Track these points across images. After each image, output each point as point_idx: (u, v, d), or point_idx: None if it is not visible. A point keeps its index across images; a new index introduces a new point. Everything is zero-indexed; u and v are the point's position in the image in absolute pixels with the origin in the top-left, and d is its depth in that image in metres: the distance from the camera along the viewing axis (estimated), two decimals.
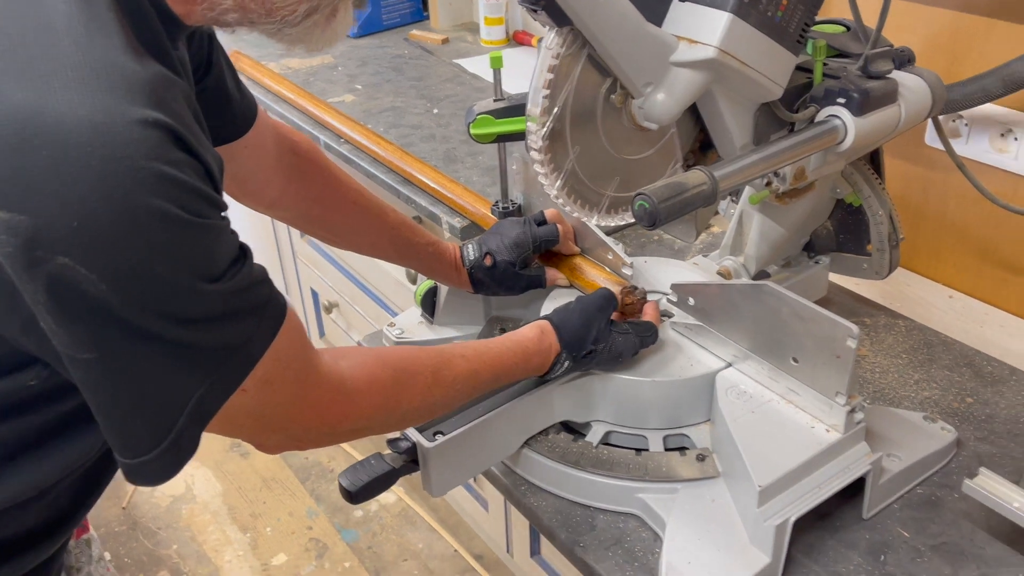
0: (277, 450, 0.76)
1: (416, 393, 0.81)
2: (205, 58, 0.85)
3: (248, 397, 0.66)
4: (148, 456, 0.62)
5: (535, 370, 0.93)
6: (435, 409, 0.85)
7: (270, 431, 0.72)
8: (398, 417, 0.81)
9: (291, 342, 0.69)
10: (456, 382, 0.84)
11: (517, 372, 0.91)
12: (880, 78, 0.96)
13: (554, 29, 0.83)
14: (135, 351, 0.59)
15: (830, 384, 0.87)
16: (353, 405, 0.76)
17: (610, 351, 0.94)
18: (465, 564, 2.03)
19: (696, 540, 0.86)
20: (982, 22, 1.22)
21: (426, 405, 0.83)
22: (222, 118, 0.90)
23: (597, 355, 0.94)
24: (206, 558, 2.11)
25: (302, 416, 0.72)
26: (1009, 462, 0.98)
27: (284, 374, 0.69)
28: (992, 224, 1.30)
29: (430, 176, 1.47)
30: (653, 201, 0.79)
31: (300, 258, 2.30)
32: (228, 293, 0.62)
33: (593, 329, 0.94)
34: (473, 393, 0.88)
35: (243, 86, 0.92)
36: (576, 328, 0.93)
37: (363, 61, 2.15)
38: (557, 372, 0.94)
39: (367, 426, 0.78)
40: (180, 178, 0.58)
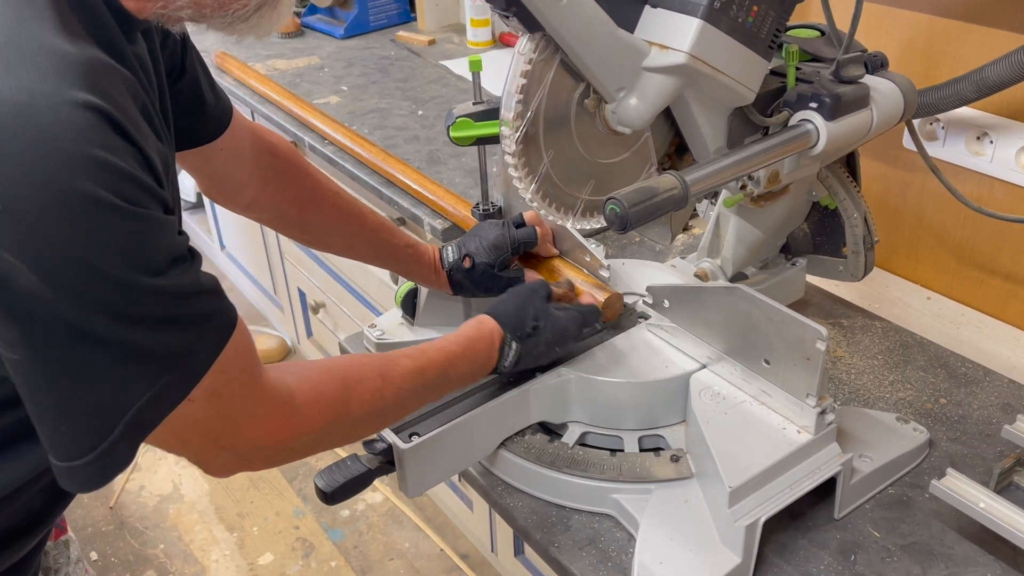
0: (225, 472, 0.73)
1: (366, 398, 0.79)
2: (179, 62, 0.85)
3: (194, 409, 0.64)
4: (78, 462, 0.60)
5: (484, 359, 0.92)
6: (387, 413, 0.83)
7: (218, 448, 0.70)
8: (350, 425, 0.79)
9: (239, 355, 0.67)
10: (404, 381, 0.83)
11: (464, 364, 0.90)
12: (852, 83, 0.97)
13: (526, 35, 0.84)
14: (72, 351, 0.57)
15: (801, 386, 0.88)
16: (302, 417, 0.74)
17: (554, 327, 0.94)
18: (451, 563, 2.04)
19: (668, 540, 0.87)
20: (957, 26, 1.24)
21: (377, 409, 0.81)
22: (197, 120, 0.90)
23: (542, 332, 0.93)
24: (193, 558, 2.11)
25: (251, 432, 0.70)
26: (980, 462, 0.99)
27: (231, 387, 0.67)
28: (969, 226, 1.31)
29: (412, 178, 1.48)
30: (623, 205, 0.80)
31: (288, 258, 2.30)
32: (171, 295, 0.60)
33: (530, 308, 0.95)
34: (424, 392, 0.87)
35: (218, 88, 0.93)
36: (513, 310, 0.94)
37: (350, 62, 2.16)
38: (508, 359, 0.93)
39: (318, 439, 0.76)
40: (113, 163, 0.55)
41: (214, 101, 0.91)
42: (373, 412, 0.81)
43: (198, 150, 0.92)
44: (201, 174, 0.97)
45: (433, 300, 1.17)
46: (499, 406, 0.96)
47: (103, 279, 0.56)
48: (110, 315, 0.57)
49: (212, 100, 0.91)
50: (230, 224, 2.69)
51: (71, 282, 0.55)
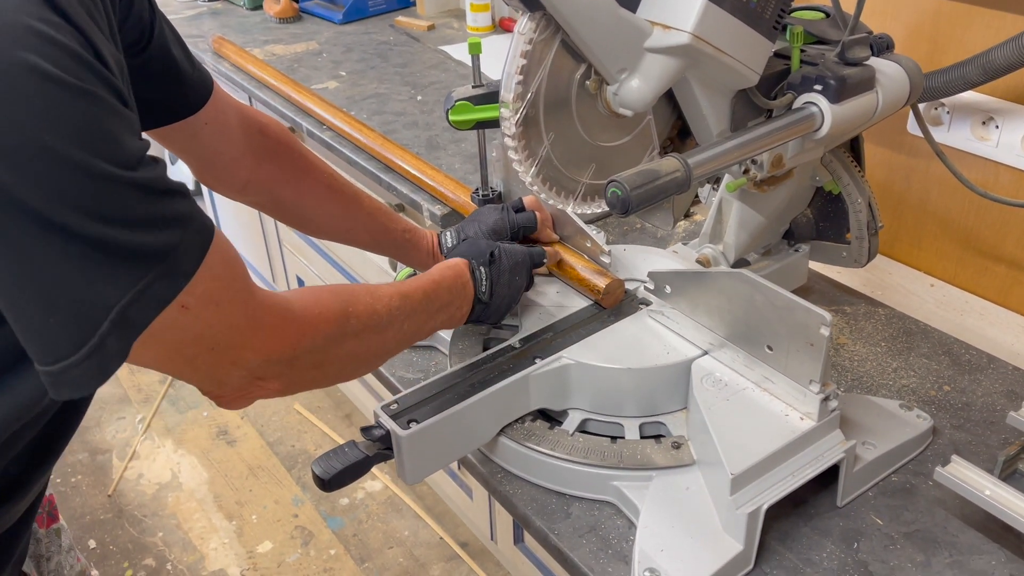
0: (240, 396, 0.71)
1: (361, 310, 0.80)
2: (148, 25, 0.81)
3: (192, 317, 0.63)
4: (70, 360, 0.58)
5: (460, 288, 0.95)
6: (384, 330, 0.84)
7: (227, 364, 0.68)
8: (352, 336, 0.79)
9: (228, 262, 0.66)
10: (392, 300, 0.84)
11: (443, 292, 0.93)
12: (857, 65, 0.95)
13: (527, 14, 0.82)
14: (44, 243, 0.55)
15: (804, 372, 0.87)
16: (306, 323, 0.73)
17: (508, 255, 0.99)
18: (450, 551, 2.03)
19: (669, 528, 0.86)
20: (964, 9, 1.22)
21: (374, 323, 0.81)
22: (172, 90, 0.87)
23: (500, 258, 0.98)
24: (191, 546, 2.11)
25: (257, 339, 0.69)
26: (984, 450, 0.98)
27: (228, 294, 0.65)
28: (973, 212, 1.30)
29: (411, 163, 1.47)
30: (625, 188, 0.79)
31: (286, 246, 2.29)
32: (142, 190, 0.58)
33: (481, 243, 1.01)
34: (413, 316, 0.88)
35: (195, 60, 0.90)
36: (467, 248, 1.00)
37: (348, 47, 2.14)
38: (482, 284, 0.97)
39: (326, 347, 0.76)
40: (55, 37, 0.53)
41: (190, 70, 0.88)
42: (372, 325, 0.81)
43: (182, 126, 0.89)
44: (190, 154, 0.95)
45: None
46: (498, 392, 0.94)
47: (66, 165, 0.54)
48: (82, 209, 0.55)
49: (188, 69, 0.88)
50: (228, 212, 2.68)
51: (32, 166, 0.53)
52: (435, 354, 1.15)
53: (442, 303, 0.92)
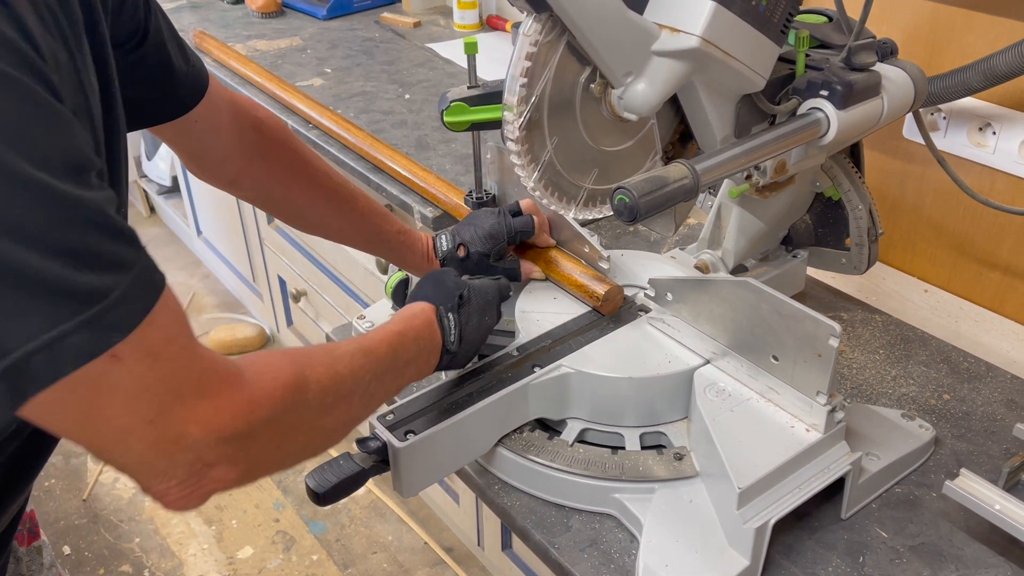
0: (188, 489, 0.58)
1: (321, 372, 0.69)
2: (141, 24, 0.77)
3: (126, 372, 0.52)
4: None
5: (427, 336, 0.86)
6: (348, 393, 0.73)
7: (168, 443, 0.55)
8: (314, 402, 0.68)
9: (174, 317, 0.57)
10: (354, 358, 0.75)
11: (410, 343, 0.84)
12: (863, 70, 0.94)
13: (532, 15, 0.80)
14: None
15: (810, 383, 0.86)
16: (257, 389, 0.62)
17: (476, 293, 0.92)
18: (435, 557, 2.01)
19: (674, 542, 0.85)
20: (961, 14, 1.21)
21: (335, 385, 0.71)
22: (165, 89, 0.83)
23: (469, 300, 0.90)
24: (170, 552, 2.06)
25: (203, 410, 0.57)
26: (986, 460, 0.97)
27: (170, 348, 0.55)
28: (968, 218, 1.30)
29: (402, 164, 1.44)
30: (633, 195, 0.77)
31: (267, 245, 2.25)
32: (71, 205, 0.48)
33: (448, 282, 0.92)
34: (380, 374, 0.78)
35: (192, 57, 0.85)
36: (433, 290, 0.91)
37: (333, 44, 2.10)
38: (451, 332, 0.89)
39: (283, 417, 0.64)
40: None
41: (185, 68, 0.84)
42: (334, 389, 0.71)
43: (172, 123, 0.86)
44: (179, 147, 0.92)
45: None
46: (497, 402, 0.92)
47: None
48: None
49: (183, 67, 0.83)
50: (207, 209, 2.63)
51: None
52: None
53: (409, 357, 0.83)
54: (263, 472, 0.65)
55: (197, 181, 2.63)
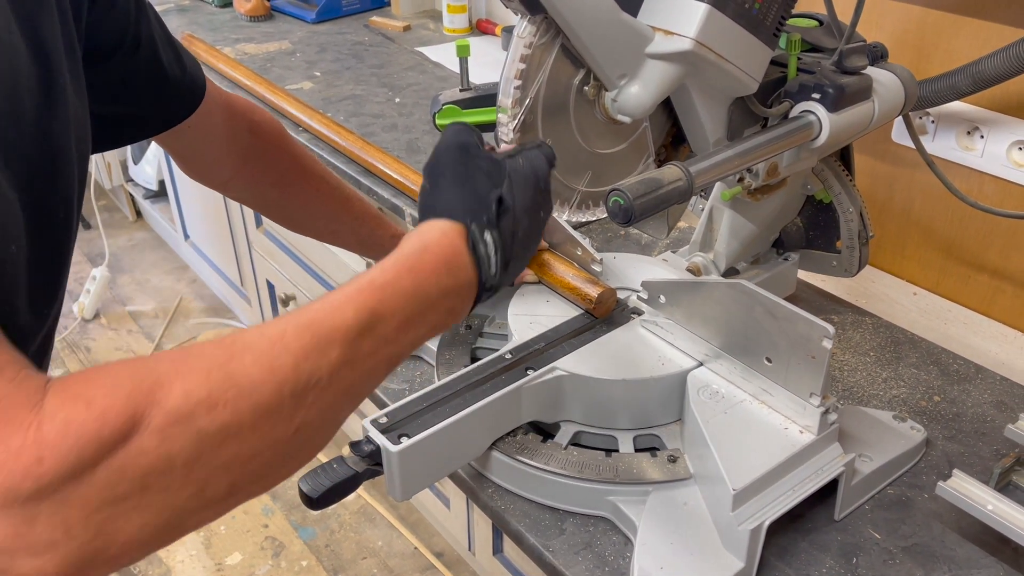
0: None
1: (197, 380, 0.45)
2: (131, 32, 0.74)
3: None
4: None
5: (445, 275, 0.59)
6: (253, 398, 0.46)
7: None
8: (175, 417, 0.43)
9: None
10: (285, 341, 0.49)
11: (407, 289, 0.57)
12: (855, 74, 0.94)
13: (526, 17, 0.80)
14: None
15: (804, 384, 0.86)
16: (53, 419, 0.40)
17: (522, 183, 0.64)
18: (425, 562, 2.00)
19: (668, 544, 0.85)
20: (949, 19, 1.22)
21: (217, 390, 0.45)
22: (160, 99, 0.81)
23: (515, 200, 0.63)
24: (157, 558, 2.05)
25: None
26: (977, 461, 0.98)
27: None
28: (956, 221, 1.30)
29: (393, 167, 1.43)
30: (628, 197, 0.77)
31: (256, 249, 2.24)
32: None
33: (477, 175, 0.64)
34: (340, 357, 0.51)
35: (188, 62, 0.83)
36: (456, 193, 0.63)
37: (322, 47, 2.09)
38: (490, 259, 0.62)
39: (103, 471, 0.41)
40: None
41: (180, 75, 0.81)
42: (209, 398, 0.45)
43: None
44: (171, 150, 0.91)
45: None
46: (491, 405, 0.92)
47: None
48: None
49: (178, 75, 0.80)
50: (194, 213, 2.62)
51: None
52: (420, 364, 1.12)
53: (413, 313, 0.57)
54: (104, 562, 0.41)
55: (184, 185, 2.62)
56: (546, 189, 0.69)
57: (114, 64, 0.72)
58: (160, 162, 2.77)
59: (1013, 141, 1.19)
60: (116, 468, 0.41)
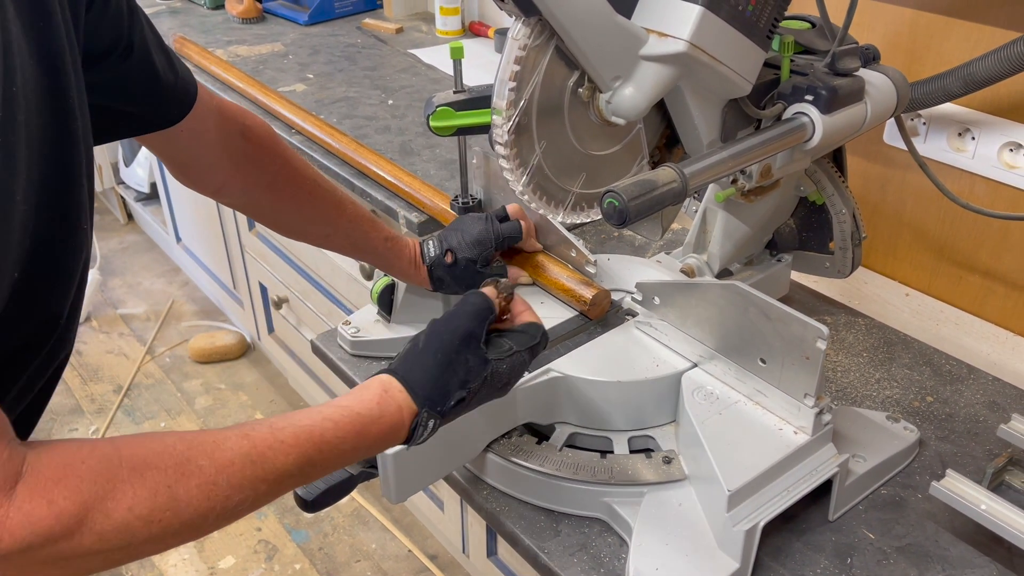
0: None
1: (142, 495, 0.54)
2: (125, 36, 0.74)
3: None
4: None
5: (378, 443, 0.72)
6: (186, 522, 0.57)
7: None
8: (112, 532, 0.53)
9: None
10: (226, 471, 0.58)
11: (347, 451, 0.68)
12: (847, 75, 0.95)
13: (521, 19, 0.80)
14: None
15: (798, 385, 0.86)
16: (19, 510, 0.50)
17: (492, 382, 0.76)
18: (419, 564, 2.00)
19: (663, 545, 0.85)
20: (941, 21, 1.23)
21: (161, 512, 0.55)
22: (152, 104, 0.81)
23: (475, 397, 0.76)
24: (149, 563, 2.04)
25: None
26: (970, 461, 0.98)
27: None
28: (948, 222, 1.31)
29: (386, 169, 1.43)
30: (623, 199, 0.77)
31: (248, 251, 2.23)
32: None
33: (459, 370, 0.74)
34: (265, 487, 0.62)
35: (180, 67, 0.83)
36: (434, 377, 0.73)
37: (315, 49, 2.09)
38: (422, 437, 0.74)
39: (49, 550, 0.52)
40: None
41: (173, 80, 0.81)
42: (152, 519, 0.55)
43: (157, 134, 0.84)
44: (164, 156, 0.90)
45: (411, 296, 1.12)
46: (486, 407, 0.91)
47: None
48: None
49: (170, 79, 0.80)
50: (186, 216, 2.61)
51: None
52: None
53: (334, 463, 0.67)
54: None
55: (176, 187, 2.61)
56: (507, 388, 0.80)
57: (106, 67, 0.72)
58: (152, 165, 2.76)
59: (1004, 143, 1.19)
60: (55, 551, 0.52)
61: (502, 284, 0.84)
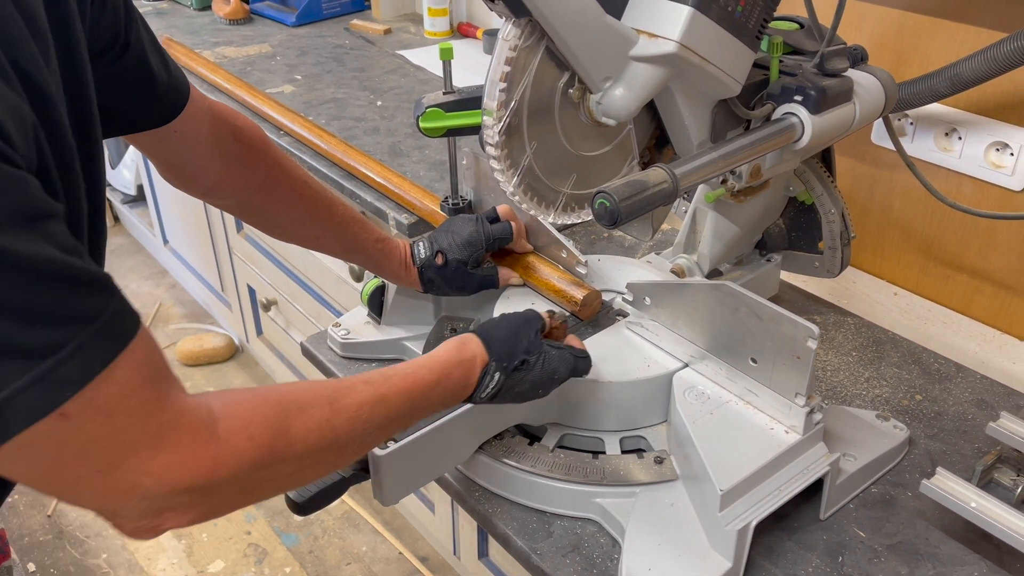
0: (144, 531, 0.58)
1: (312, 428, 0.66)
2: (122, 34, 0.75)
3: (74, 429, 0.51)
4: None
5: (458, 387, 0.81)
6: (340, 448, 0.70)
7: (119, 492, 0.55)
8: (294, 459, 0.65)
9: (139, 367, 0.54)
10: (361, 410, 0.70)
11: (436, 393, 0.78)
12: (836, 76, 0.95)
13: (511, 20, 0.80)
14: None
15: (789, 385, 0.86)
16: (226, 445, 0.59)
17: (544, 365, 0.85)
18: (410, 567, 1.99)
19: (656, 545, 0.85)
20: (927, 22, 1.24)
21: (327, 442, 0.67)
22: (146, 102, 0.81)
23: (531, 368, 0.84)
24: (138, 567, 2.02)
25: (158, 464, 0.55)
26: (959, 459, 0.99)
27: (126, 403, 0.53)
28: (935, 222, 1.32)
29: (376, 170, 1.43)
30: (614, 200, 0.77)
31: (236, 253, 2.22)
32: (21, 267, 0.48)
33: (523, 340, 0.85)
34: (387, 424, 0.74)
35: (173, 67, 0.84)
36: (504, 336, 0.84)
37: (302, 51, 2.09)
38: (486, 389, 0.82)
39: (253, 476, 0.62)
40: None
41: (167, 79, 0.82)
42: (322, 446, 0.67)
43: (150, 132, 0.84)
44: (156, 157, 0.90)
45: (401, 298, 1.12)
46: (477, 408, 0.91)
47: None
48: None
49: (164, 78, 0.81)
50: (173, 218, 2.59)
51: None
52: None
53: (428, 404, 0.79)
54: (223, 514, 0.63)
55: (163, 189, 2.60)
56: (555, 382, 0.87)
57: (103, 64, 0.73)
58: (138, 166, 2.75)
59: (990, 142, 1.20)
60: (255, 478, 0.62)
61: (557, 313, 0.96)
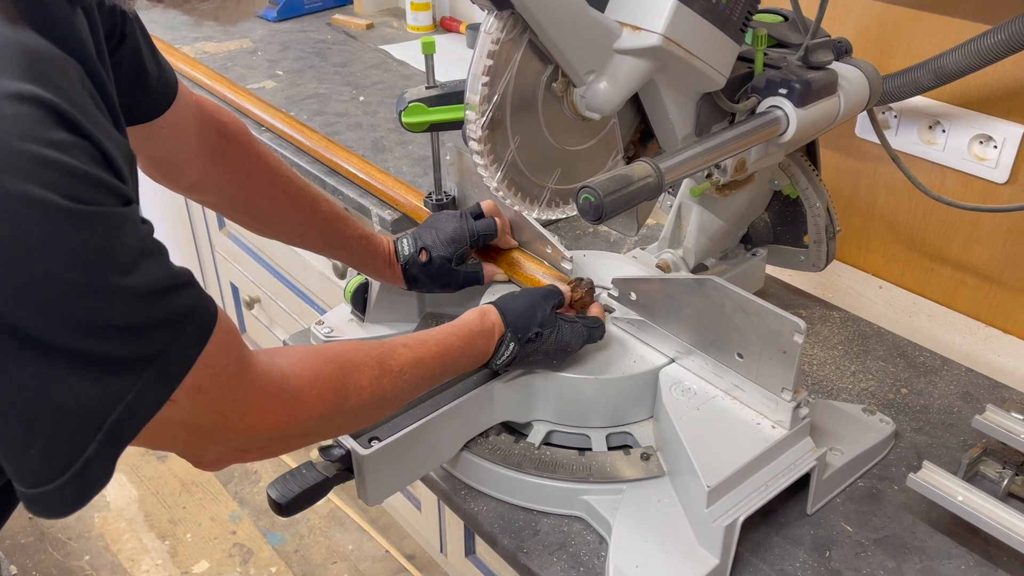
0: (218, 465, 0.68)
1: (364, 385, 0.75)
2: (118, 28, 0.76)
3: (178, 408, 0.59)
4: (49, 487, 0.54)
5: (480, 354, 0.88)
6: (385, 403, 0.79)
7: (208, 443, 0.65)
8: (349, 413, 0.74)
9: (224, 346, 0.62)
10: (404, 371, 0.79)
11: (463, 358, 0.86)
12: (821, 69, 0.95)
13: (493, 13, 0.79)
14: (30, 365, 0.51)
15: (775, 380, 0.86)
16: (300, 403, 0.69)
17: (557, 338, 0.90)
18: (397, 565, 1.98)
19: (643, 542, 0.84)
20: (910, 14, 1.24)
21: (376, 398, 0.76)
22: (138, 95, 0.81)
23: (544, 340, 0.90)
24: (121, 568, 2.00)
25: (243, 423, 0.65)
26: (945, 452, 0.99)
27: (218, 379, 0.62)
28: (920, 215, 1.32)
29: (358, 166, 1.41)
30: (599, 194, 0.76)
31: (218, 251, 2.20)
32: (143, 295, 0.54)
33: (538, 313, 0.90)
34: (421, 384, 0.83)
35: (163, 61, 0.84)
36: (521, 310, 0.90)
37: (284, 46, 2.06)
38: (502, 357, 0.89)
39: (317, 427, 0.72)
40: (63, 161, 0.50)
41: (157, 73, 0.82)
42: (372, 401, 0.76)
43: (139, 127, 0.84)
44: (140, 152, 0.89)
45: (385, 295, 1.11)
46: (463, 405, 0.91)
47: (62, 289, 0.51)
48: (77, 327, 0.52)
49: (155, 72, 0.82)
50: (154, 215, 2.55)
51: (24, 294, 0.50)
52: None
53: (456, 367, 0.87)
54: (284, 453, 0.74)
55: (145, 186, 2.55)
56: (567, 351, 0.93)
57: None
58: None
59: (974, 135, 1.20)
60: (324, 426, 0.73)
61: (584, 281, 1.00)
